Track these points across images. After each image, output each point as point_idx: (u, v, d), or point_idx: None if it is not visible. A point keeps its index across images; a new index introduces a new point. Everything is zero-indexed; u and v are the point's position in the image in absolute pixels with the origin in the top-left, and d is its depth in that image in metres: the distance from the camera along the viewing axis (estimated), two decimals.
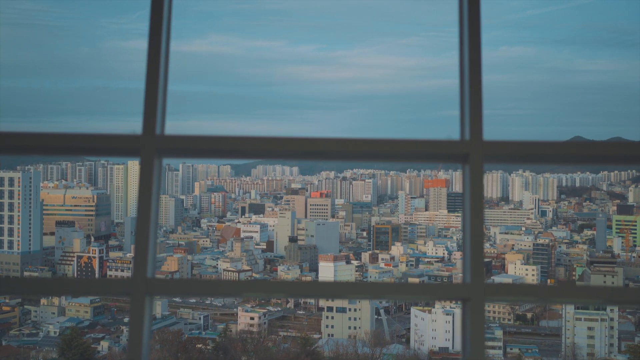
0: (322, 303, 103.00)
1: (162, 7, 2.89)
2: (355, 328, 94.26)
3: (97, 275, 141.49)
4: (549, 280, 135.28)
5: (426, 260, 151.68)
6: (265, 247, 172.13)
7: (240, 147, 2.81)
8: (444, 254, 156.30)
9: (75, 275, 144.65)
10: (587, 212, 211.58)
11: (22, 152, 2.91)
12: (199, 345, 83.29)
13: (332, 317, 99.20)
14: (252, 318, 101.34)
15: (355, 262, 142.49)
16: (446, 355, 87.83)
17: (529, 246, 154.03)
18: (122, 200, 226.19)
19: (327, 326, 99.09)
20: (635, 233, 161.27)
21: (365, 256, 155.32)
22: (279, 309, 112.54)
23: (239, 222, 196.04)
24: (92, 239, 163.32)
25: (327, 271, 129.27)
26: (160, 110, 2.88)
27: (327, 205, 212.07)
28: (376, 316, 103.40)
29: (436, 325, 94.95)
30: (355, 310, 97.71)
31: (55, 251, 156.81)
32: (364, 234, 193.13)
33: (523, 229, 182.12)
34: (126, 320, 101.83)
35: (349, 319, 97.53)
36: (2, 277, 3.57)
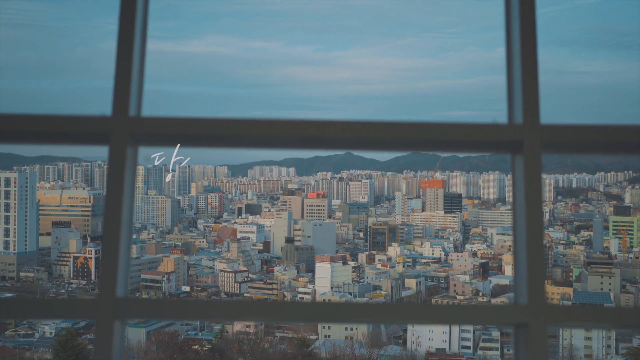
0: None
1: None
2: (352, 329, 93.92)
3: (93, 276, 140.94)
4: (546, 282, 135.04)
5: (423, 261, 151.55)
6: (261, 247, 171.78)
7: (233, 131, 2.27)
8: (440, 254, 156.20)
9: (72, 275, 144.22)
10: (583, 213, 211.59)
11: None
12: (195, 347, 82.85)
13: None
14: None
15: (352, 263, 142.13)
16: (443, 357, 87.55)
17: None
18: None
19: (323, 327, 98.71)
20: (632, 234, 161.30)
21: (362, 257, 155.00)
22: None
23: (235, 222, 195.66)
24: (89, 239, 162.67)
25: (323, 272, 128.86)
26: (136, 86, 2.30)
27: (323, 205, 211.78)
28: None
29: (433, 326, 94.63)
30: None
31: (52, 252, 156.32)
32: (361, 234, 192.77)
33: None
34: None
35: None
36: None
